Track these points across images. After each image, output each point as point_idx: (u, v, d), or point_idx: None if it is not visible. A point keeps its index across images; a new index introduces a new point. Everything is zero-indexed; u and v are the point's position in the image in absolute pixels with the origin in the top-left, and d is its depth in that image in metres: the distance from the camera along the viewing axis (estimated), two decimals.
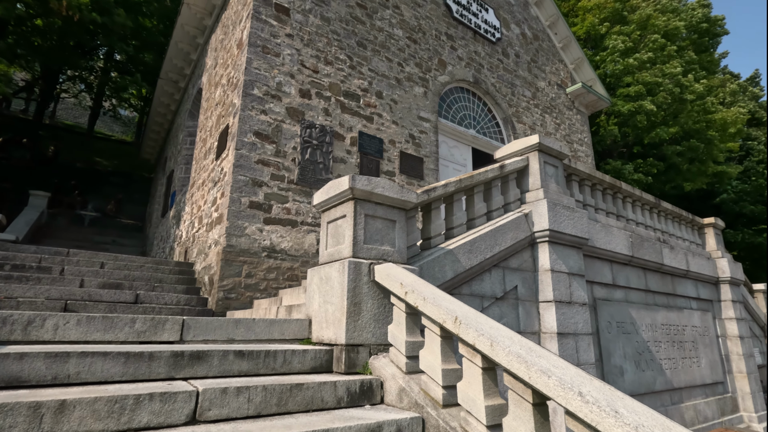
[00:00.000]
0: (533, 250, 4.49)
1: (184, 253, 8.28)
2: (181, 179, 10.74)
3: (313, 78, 7.24)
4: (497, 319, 3.95)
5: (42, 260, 5.60)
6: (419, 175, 8.32)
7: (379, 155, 7.76)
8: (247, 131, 6.31)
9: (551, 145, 4.85)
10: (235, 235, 5.86)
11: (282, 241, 6.28)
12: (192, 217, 8.21)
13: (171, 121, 14.27)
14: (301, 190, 6.65)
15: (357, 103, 7.74)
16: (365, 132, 7.70)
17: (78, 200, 20.84)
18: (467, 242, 3.79)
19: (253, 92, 6.50)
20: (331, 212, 3.34)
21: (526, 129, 11.15)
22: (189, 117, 11.22)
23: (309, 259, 6.48)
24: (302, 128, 6.86)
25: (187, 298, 5.65)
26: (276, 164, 6.48)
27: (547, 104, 12.19)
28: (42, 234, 14.31)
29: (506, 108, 10.80)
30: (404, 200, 3.30)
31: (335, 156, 7.20)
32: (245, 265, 5.86)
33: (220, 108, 7.69)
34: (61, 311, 4.48)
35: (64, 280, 5.18)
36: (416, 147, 8.48)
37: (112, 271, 5.80)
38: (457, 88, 10.10)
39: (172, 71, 12.10)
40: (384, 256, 3.18)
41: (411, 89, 8.73)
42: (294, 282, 6.24)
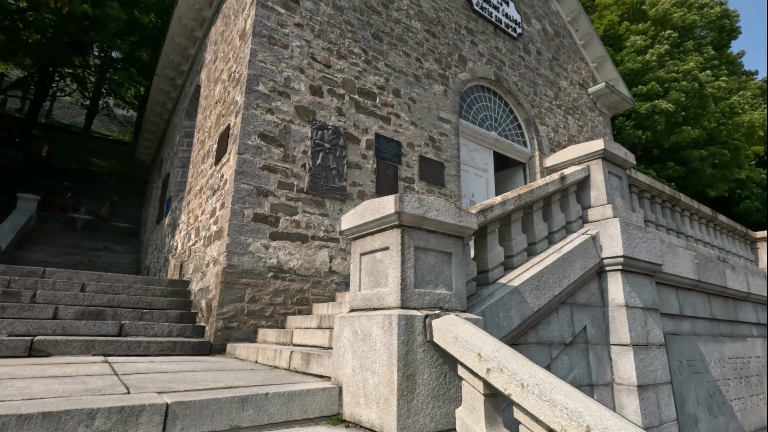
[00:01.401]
0: (600, 280, 3.69)
1: (179, 267, 7.47)
2: (177, 183, 9.92)
3: (324, 73, 6.44)
4: (567, 371, 3.14)
5: (11, 282, 4.78)
6: (440, 181, 7.53)
7: (397, 160, 6.96)
8: (251, 133, 5.51)
9: (616, 151, 4.05)
10: (237, 254, 5.05)
11: (290, 259, 5.47)
12: (188, 228, 7.40)
13: (167, 120, 13.45)
14: (312, 200, 5.85)
15: (373, 102, 6.94)
16: (382, 134, 6.91)
17: (71, 202, 19.97)
18: (534, 276, 2.99)
19: (257, 88, 5.70)
20: (367, 242, 2.54)
21: (549, 131, 10.37)
22: (186, 116, 10.40)
23: (321, 279, 5.67)
24: (313, 130, 6.06)
25: (180, 329, 4.84)
26: (284, 170, 5.68)
27: (569, 105, 11.41)
28: (29, 240, 13.48)
29: (529, 108, 10.01)
30: (463, 226, 2.51)
31: (349, 161, 6.39)
32: (248, 288, 5.05)
33: (220, 106, 6.89)
34: (23, 354, 3.66)
35: (34, 308, 4.36)
36: (436, 151, 7.69)
37: (94, 295, 4.98)
38: (477, 86, 9.31)
39: (168, 67, 11.29)
40: (440, 303, 2.38)
41: (430, 87, 7.94)
42: (303, 306, 5.44)
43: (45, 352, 3.77)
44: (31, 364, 3.19)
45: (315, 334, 3.80)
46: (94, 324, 4.35)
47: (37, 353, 3.74)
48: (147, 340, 4.31)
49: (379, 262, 2.43)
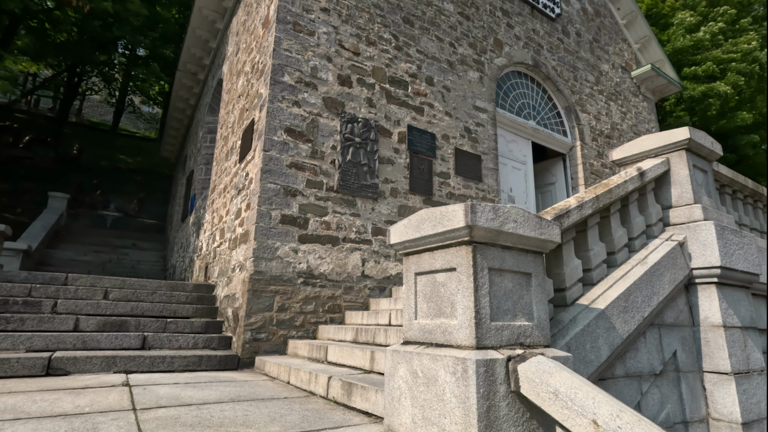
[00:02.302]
0: (688, 294, 3.12)
1: (204, 269, 7.21)
2: (201, 181, 9.70)
3: (353, 61, 5.96)
4: (658, 407, 2.62)
5: (32, 291, 4.55)
6: (477, 176, 6.98)
7: (431, 153, 6.45)
8: (277, 128, 5.10)
9: (702, 141, 3.44)
10: (264, 259, 4.68)
11: (321, 263, 5.07)
12: (213, 228, 7.12)
13: (190, 116, 13.28)
14: (342, 199, 5.42)
15: (405, 92, 6.43)
16: (415, 126, 6.40)
17: (100, 200, 20.31)
18: (621, 295, 2.46)
19: (283, 79, 5.28)
20: (424, 259, 2.08)
21: (590, 119, 9.62)
22: (209, 112, 10.14)
23: (353, 285, 5.26)
24: (342, 123, 5.61)
25: (206, 340, 4.52)
26: (312, 168, 5.26)
27: (611, 90, 10.58)
28: (60, 238, 13.63)
29: (569, 95, 9.28)
30: (544, 240, 2.01)
31: (381, 156, 5.93)
32: (277, 295, 4.68)
33: (243, 100, 6.52)
34: (41, 373, 3.38)
35: (54, 320, 4.10)
36: (473, 142, 7.13)
37: (117, 303, 4.71)
38: (513, 72, 8.65)
39: (190, 62, 11.04)
40: (520, 338, 1.90)
41: (465, 74, 7.36)
42: (335, 314, 5.04)
43: (63, 370, 3.49)
44: (45, 390, 2.89)
45: (353, 352, 3.38)
46: (116, 337, 4.06)
47: (55, 372, 3.46)
48: (171, 354, 3.99)
49: (441, 285, 1.97)
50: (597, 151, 9.49)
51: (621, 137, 10.33)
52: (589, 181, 9.02)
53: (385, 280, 5.55)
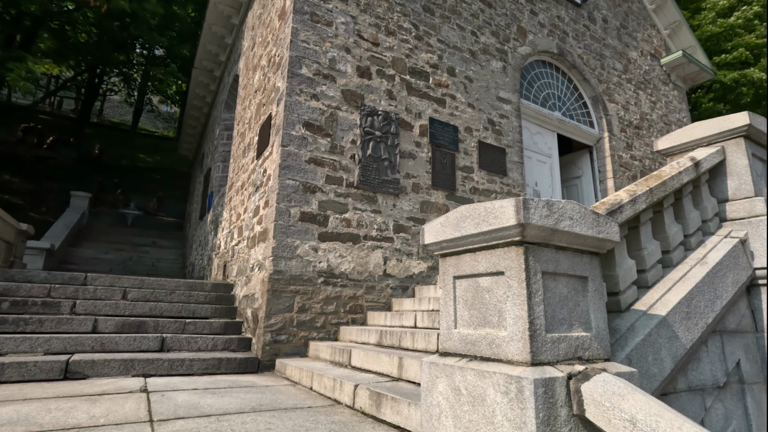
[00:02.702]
0: (750, 297, 2.82)
1: (222, 267, 7.12)
2: (218, 179, 9.64)
3: (372, 52, 5.74)
4: (723, 423, 2.35)
5: (51, 291, 4.49)
6: (502, 170, 6.69)
7: (454, 147, 6.20)
8: (295, 122, 4.93)
9: (761, 127, 3.12)
10: (284, 258, 4.52)
11: (342, 262, 4.89)
12: (231, 226, 7.02)
13: (207, 114, 13.27)
14: (363, 195, 5.22)
15: (426, 83, 6.18)
16: (437, 118, 6.15)
17: (120, 198, 20.63)
18: (683, 300, 2.20)
19: (300, 72, 5.09)
20: (465, 261, 1.86)
21: (618, 109, 9.19)
22: (225, 109, 10.06)
23: (375, 284, 5.06)
24: (362, 116, 5.40)
25: (225, 341, 4.39)
26: (331, 163, 5.07)
27: (640, 78, 10.10)
28: (82, 237, 13.84)
29: (596, 84, 8.87)
30: (602, 239, 1.77)
31: (402, 150, 5.70)
32: (297, 296, 4.52)
33: (260, 95, 6.37)
34: (58, 377, 3.28)
35: (73, 321, 4.02)
36: (496, 135, 6.83)
37: (135, 304, 4.62)
38: (538, 62, 8.30)
39: (206, 59, 10.98)
40: (578, 351, 1.66)
41: (488, 64, 7.06)
42: (357, 314, 4.86)
43: (81, 373, 3.39)
44: (61, 396, 2.77)
45: (379, 357, 3.18)
46: (134, 339, 3.96)
47: (73, 375, 3.36)
48: (190, 357, 3.86)
49: (486, 291, 1.74)
50: (626, 142, 9.07)
51: (651, 128, 9.87)
52: (618, 174, 8.61)
53: (408, 279, 5.34)
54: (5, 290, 4.29)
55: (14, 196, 18.88)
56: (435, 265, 5.61)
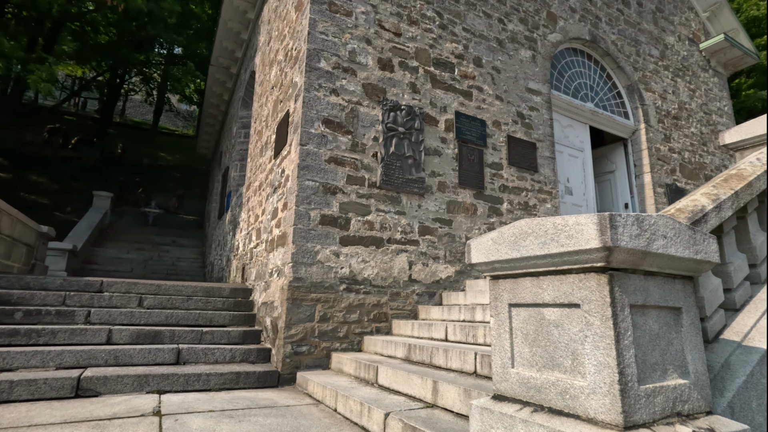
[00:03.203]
0: None
1: (241, 270, 6.94)
2: (236, 178, 9.47)
3: (394, 43, 5.40)
4: None
5: (66, 299, 4.35)
6: (532, 166, 6.28)
7: (481, 142, 5.82)
8: (314, 119, 4.64)
9: None
10: (304, 264, 4.26)
11: (365, 267, 4.60)
12: (249, 228, 6.81)
13: (224, 112, 13.16)
14: (386, 196, 4.91)
15: (451, 74, 5.81)
16: (463, 112, 5.78)
17: (142, 197, 20.88)
18: None
19: (319, 65, 4.80)
20: (525, 286, 1.53)
21: (655, 98, 8.60)
22: (242, 106, 9.88)
23: (400, 290, 4.76)
24: (384, 111, 5.08)
25: (243, 352, 4.16)
26: (353, 162, 4.78)
27: (678, 65, 9.46)
28: (105, 237, 13.97)
29: (631, 72, 8.31)
30: (700, 260, 1.42)
31: (427, 146, 5.36)
32: (318, 304, 4.26)
33: (276, 91, 6.12)
34: (69, 395, 3.09)
35: (87, 332, 3.85)
36: (526, 129, 6.41)
37: (151, 312, 4.44)
38: (568, 50, 7.80)
39: (222, 56, 10.81)
40: (676, 405, 1.32)
41: (516, 53, 6.62)
42: (382, 323, 4.57)
43: (93, 390, 3.20)
44: (69, 421, 2.57)
45: (410, 379, 2.88)
46: (149, 351, 3.76)
47: (85, 393, 3.17)
48: (207, 370, 3.65)
49: (554, 326, 1.41)
50: (663, 133, 8.49)
51: (690, 117, 9.23)
52: (656, 168, 8.06)
53: (435, 285, 5.02)
54: (19, 299, 4.16)
55: (41, 196, 19.30)
56: (463, 269, 5.27)
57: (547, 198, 6.34)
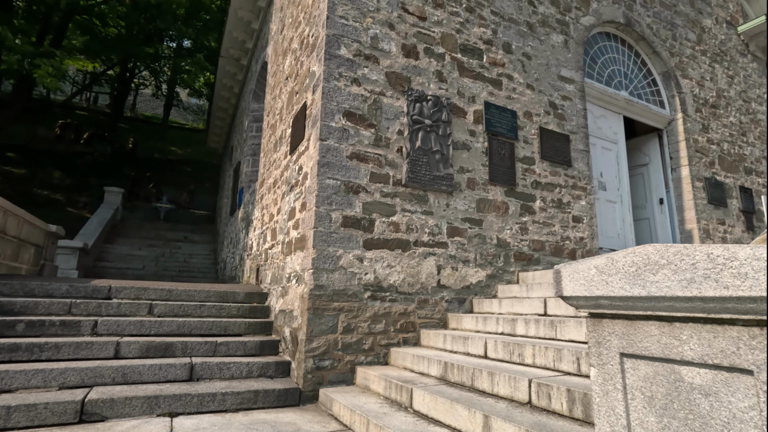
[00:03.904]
0: None
1: (255, 271, 6.63)
2: (248, 174, 9.16)
3: (419, 28, 4.97)
4: None
5: (72, 308, 4.07)
6: (566, 160, 5.83)
7: (512, 135, 5.38)
8: (335, 111, 4.26)
9: None
10: (325, 270, 3.91)
11: (390, 272, 4.23)
12: (263, 227, 6.49)
13: (235, 105, 12.83)
14: (412, 195, 4.52)
15: (479, 62, 5.37)
16: (492, 102, 5.34)
17: (153, 192, 20.79)
18: None
19: (339, 53, 4.40)
20: (648, 333, 1.14)
21: (693, 86, 8.03)
22: (254, 99, 9.53)
23: (428, 297, 4.39)
24: (409, 102, 4.68)
25: (261, 366, 3.84)
26: (376, 158, 4.39)
27: (715, 50, 8.84)
28: (116, 233, 13.83)
29: (667, 58, 7.75)
30: None
31: (455, 140, 4.95)
32: (341, 314, 3.91)
33: (291, 82, 5.74)
34: (73, 420, 2.79)
35: (93, 345, 3.56)
36: (559, 120, 5.95)
37: (162, 321, 4.14)
38: (601, 34, 7.28)
39: (232, 47, 10.45)
40: None
41: (547, 38, 6.14)
42: (409, 333, 4.21)
43: (99, 415, 2.90)
44: None
45: (453, 409, 2.52)
46: (159, 367, 3.46)
47: (90, 417, 2.87)
48: (222, 388, 3.33)
49: (703, 395, 1.02)
50: (702, 124, 7.93)
51: (728, 106, 8.64)
52: (694, 160, 7.53)
53: (465, 291, 4.64)
54: (23, 308, 3.89)
55: (53, 192, 19.29)
56: (494, 273, 4.88)
57: (581, 194, 5.89)
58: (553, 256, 5.41)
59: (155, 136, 28.49)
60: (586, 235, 5.78)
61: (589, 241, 5.77)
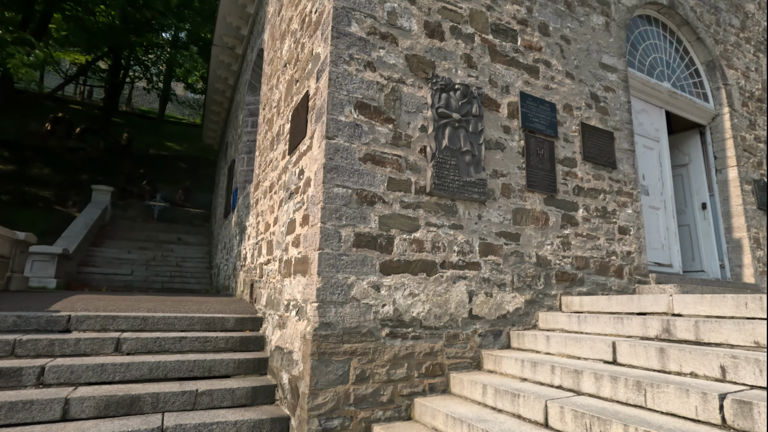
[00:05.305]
0: None
1: (249, 287, 5.82)
2: (243, 173, 8.33)
3: (444, 3, 4.13)
4: None
5: (16, 347, 3.25)
6: (610, 161, 5.00)
7: (552, 132, 4.55)
8: (344, 102, 3.43)
9: None
10: (333, 303, 3.10)
11: (413, 303, 3.43)
12: (258, 236, 5.67)
13: (230, 98, 11.97)
14: (438, 205, 3.70)
15: (513, 45, 4.53)
16: (529, 93, 4.51)
17: (147, 189, 19.95)
18: None
19: (349, 30, 3.56)
20: None
21: (738, 77, 7.19)
22: (249, 91, 8.68)
23: (458, 331, 3.58)
24: (434, 92, 3.84)
25: (253, 426, 3.03)
26: (395, 161, 3.57)
27: (759, 38, 7.99)
28: (105, 235, 13.00)
29: (712, 45, 6.91)
30: None
31: (487, 138, 4.12)
32: (354, 358, 3.10)
33: (290, 69, 4.90)
34: None
35: (33, 405, 2.74)
36: (601, 114, 5.13)
37: (132, 361, 3.33)
38: (641, 18, 6.43)
39: (226, 34, 9.58)
40: None
41: (587, 19, 5.30)
42: (437, 378, 3.40)
43: None
44: None
45: None
46: None
47: None
48: None
49: None
50: (749, 119, 7.10)
51: None
52: (742, 161, 6.71)
53: (500, 321, 3.83)
54: None
55: (42, 189, 18.40)
56: (534, 298, 4.07)
57: (627, 201, 5.08)
58: (598, 274, 4.60)
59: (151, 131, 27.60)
60: (634, 248, 4.97)
61: (636, 255, 4.96)
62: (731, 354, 2.32)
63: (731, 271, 6.36)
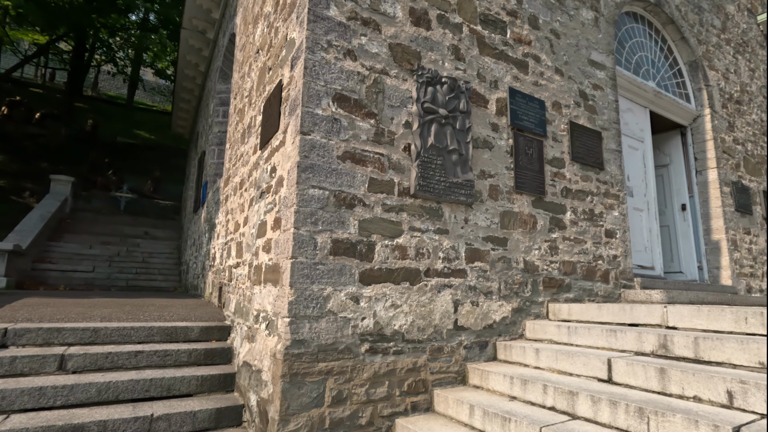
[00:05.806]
0: None
1: (218, 290, 5.43)
2: (213, 166, 7.84)
3: None
4: None
5: None
6: (597, 162, 4.85)
7: (541, 130, 4.34)
8: (322, 93, 3.09)
9: None
10: (307, 318, 2.79)
11: (395, 315, 3.15)
12: (227, 236, 5.28)
13: (201, 86, 11.34)
14: (422, 208, 3.43)
15: (502, 37, 4.27)
16: (518, 89, 4.27)
17: (113, 180, 18.95)
18: None
19: (328, 13, 3.21)
20: None
21: (719, 78, 7.19)
22: (221, 79, 8.16)
23: (442, 344, 3.34)
24: (419, 85, 3.55)
25: None
26: (376, 159, 3.26)
27: (738, 40, 8.04)
28: (65, 228, 12.18)
29: (695, 45, 6.86)
30: None
31: (475, 136, 3.87)
32: (330, 378, 2.81)
33: (263, 56, 4.50)
34: None
35: None
36: (590, 113, 4.96)
37: (77, 381, 2.94)
38: (628, 15, 6.30)
39: (197, 17, 8.98)
40: None
41: (577, 13, 5.10)
42: (419, 396, 3.16)
43: None
44: None
45: None
46: None
47: None
48: None
49: None
50: (728, 121, 7.13)
51: (750, 102, 7.88)
52: (721, 162, 6.72)
53: (487, 331, 3.61)
54: None
55: None
56: (521, 306, 3.87)
57: (614, 203, 4.94)
58: (585, 280, 4.45)
59: (119, 118, 26.26)
60: (620, 252, 4.84)
61: (622, 259, 4.84)
62: (739, 378, 2.15)
63: (709, 273, 6.38)
